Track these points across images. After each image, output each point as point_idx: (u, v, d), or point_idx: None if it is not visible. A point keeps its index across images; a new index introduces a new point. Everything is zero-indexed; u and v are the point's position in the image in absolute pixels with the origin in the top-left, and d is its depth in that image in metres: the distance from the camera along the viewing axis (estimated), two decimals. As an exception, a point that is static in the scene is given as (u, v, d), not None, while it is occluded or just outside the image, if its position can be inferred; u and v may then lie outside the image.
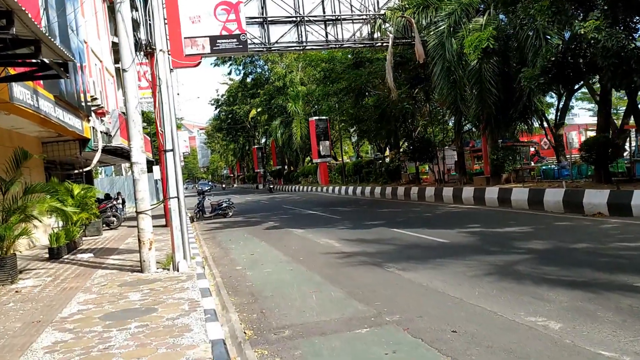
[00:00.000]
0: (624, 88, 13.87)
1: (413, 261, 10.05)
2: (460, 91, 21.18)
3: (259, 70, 59.77)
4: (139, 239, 9.57)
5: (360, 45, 22.67)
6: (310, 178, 51.43)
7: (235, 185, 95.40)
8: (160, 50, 9.47)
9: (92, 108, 20.07)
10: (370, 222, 17.57)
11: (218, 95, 75.10)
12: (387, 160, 35.55)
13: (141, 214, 9.47)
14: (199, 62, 12.69)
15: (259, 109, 59.92)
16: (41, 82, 13.80)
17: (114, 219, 20.65)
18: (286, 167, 64.22)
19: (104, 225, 20.10)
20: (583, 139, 56.31)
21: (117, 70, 28.78)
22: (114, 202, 21.68)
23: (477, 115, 21.11)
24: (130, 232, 18.96)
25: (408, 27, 21.68)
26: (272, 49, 21.10)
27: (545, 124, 26.34)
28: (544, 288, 7.18)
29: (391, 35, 20.36)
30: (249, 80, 61.11)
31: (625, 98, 22.46)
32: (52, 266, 11.52)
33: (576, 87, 28.28)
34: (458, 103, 21.18)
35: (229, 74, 68.42)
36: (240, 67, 59.62)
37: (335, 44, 21.69)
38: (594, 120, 52.82)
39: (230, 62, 58.84)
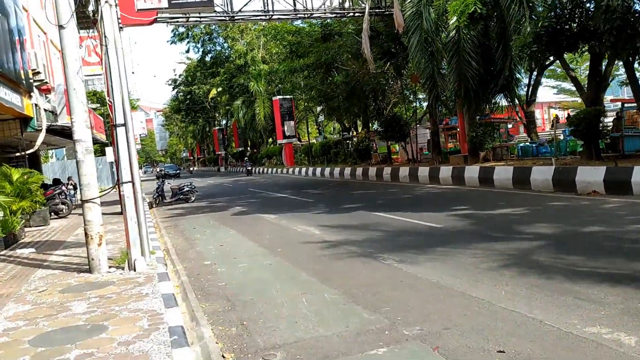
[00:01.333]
0: (626, 54, 12.86)
1: (410, 251, 8.76)
2: (438, 64, 19.95)
3: (218, 48, 57.46)
4: (86, 233, 7.94)
5: (330, 16, 21.09)
6: (275, 160, 49.77)
7: (195, 168, 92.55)
8: (106, 1, 7.74)
9: (35, 84, 17.93)
10: (347, 206, 16.25)
11: (176, 75, 72.16)
12: (356, 140, 34.27)
13: (88, 203, 7.82)
14: (154, 20, 10.98)
15: (219, 89, 57.63)
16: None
17: (64, 206, 18.65)
18: (249, 148, 62.27)
19: (52, 214, 18.11)
20: (547, 117, 56.38)
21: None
22: (63, 188, 19.63)
23: (455, 89, 19.94)
24: (81, 222, 16.96)
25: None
26: (236, 18, 19.31)
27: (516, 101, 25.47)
28: (583, 285, 5.96)
29: (367, 4, 18.87)
30: (208, 58, 58.61)
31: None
32: (-18, 266, 9.73)
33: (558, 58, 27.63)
34: (435, 77, 19.94)
35: (187, 52, 65.70)
36: (199, 45, 57.13)
37: (304, 14, 20.05)
38: (558, 98, 53.04)
39: (188, 39, 56.24)
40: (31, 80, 16.80)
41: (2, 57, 13.54)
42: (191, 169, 76.82)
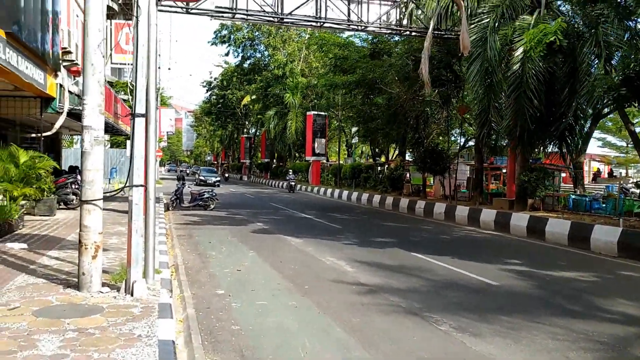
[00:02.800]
0: None
1: (467, 314, 7.11)
2: (496, 97, 18.31)
3: (258, 55, 56.51)
4: (80, 241, 6.48)
5: (386, 31, 19.70)
6: (300, 176, 48.32)
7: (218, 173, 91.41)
8: (143, -35, 6.39)
9: (64, 64, 16.80)
10: (379, 239, 14.63)
11: (211, 77, 71.54)
12: (389, 167, 32.65)
13: (87, 204, 6.36)
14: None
15: (253, 96, 56.59)
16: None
17: (74, 197, 17.33)
18: (274, 160, 60.97)
19: (61, 203, 16.82)
20: (586, 168, 54.17)
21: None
22: (78, 178, 18.34)
23: (510, 127, 18.26)
24: (90, 216, 15.73)
25: (442, 18, 18.77)
26: (285, 20, 18.03)
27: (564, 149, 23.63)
28: None
29: (432, 21, 17.40)
30: (246, 64, 57.73)
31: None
32: (-40, 259, 8.34)
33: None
34: (490, 111, 18.30)
35: (227, 54, 65.03)
36: (240, 50, 56.30)
37: (358, 26, 18.67)
38: (602, 151, 50.77)
39: (230, 42, 55.53)
40: (59, 60, 15.66)
41: (31, 34, 12.37)
42: (226, 175, 64.09)
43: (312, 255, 11.62)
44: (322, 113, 44.57)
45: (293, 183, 39.65)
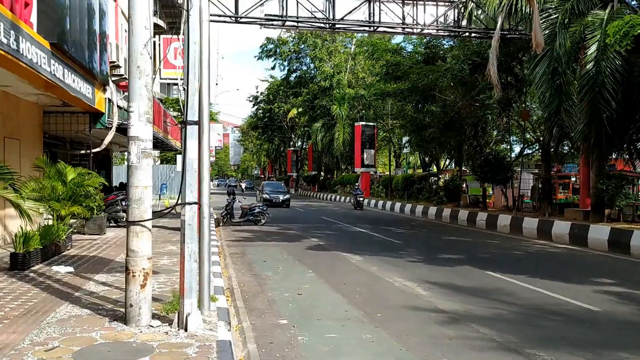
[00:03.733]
0: None
1: (577, 350, 5.95)
2: (566, 99, 16.85)
3: (304, 68, 56.13)
4: (126, 268, 5.68)
5: (443, 34, 18.57)
6: (348, 188, 47.32)
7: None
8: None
9: (113, 78, 16.50)
10: (445, 256, 13.43)
11: (257, 92, 71.73)
12: (443, 177, 31.26)
13: (135, 225, 5.57)
14: None
15: (299, 109, 56.19)
16: (32, 19, 10.17)
17: (124, 214, 16.86)
18: (322, 173, 60.22)
19: (111, 221, 16.39)
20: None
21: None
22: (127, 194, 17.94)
23: (583, 132, 16.74)
24: (140, 234, 15.19)
25: (505, 17, 17.50)
26: (337, 26, 17.16)
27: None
28: None
29: (500, 17, 16.18)
30: (292, 77, 57.48)
31: None
32: None
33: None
34: (561, 114, 16.84)
35: (273, 68, 65.02)
36: (285, 63, 56.09)
37: (413, 28, 17.62)
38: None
39: (276, 56, 55.45)
40: (108, 75, 15.30)
41: (77, 46, 11.95)
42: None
43: (376, 275, 10.58)
44: (371, 123, 43.57)
45: (361, 199, 31.63)
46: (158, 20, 25.02)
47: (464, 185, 27.95)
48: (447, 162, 39.78)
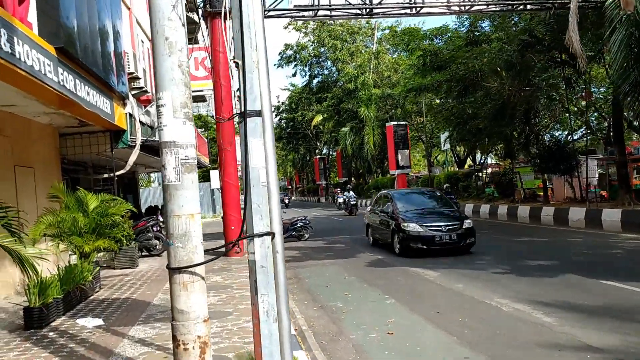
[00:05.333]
0: None
1: None
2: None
3: (325, 71, 54.39)
4: (173, 336, 3.83)
5: (495, 10, 16.46)
6: (382, 192, 45.21)
7: (293, 197, 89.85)
8: None
9: (133, 92, 14.84)
10: (534, 262, 11.35)
11: (278, 102, 70.16)
12: (490, 171, 28.97)
13: (181, 273, 3.72)
14: None
15: (324, 115, 54.34)
16: (31, 19, 8.50)
17: (157, 241, 15.18)
18: (352, 179, 58.15)
19: (142, 250, 14.71)
20: None
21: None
22: (159, 219, 16.24)
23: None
24: (176, 263, 13.43)
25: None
26: (375, 11, 15.28)
27: None
28: None
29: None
30: (314, 83, 55.77)
31: None
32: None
33: None
34: (641, 87, 14.59)
35: (294, 75, 63.61)
36: (307, 69, 54.44)
37: (461, 7, 15.61)
38: None
39: (296, 62, 53.84)
40: (127, 87, 13.66)
41: (89, 54, 10.31)
42: (286, 200, 49.11)
43: (468, 296, 8.57)
44: (402, 122, 41.41)
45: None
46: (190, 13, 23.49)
47: (518, 178, 25.64)
48: (483, 157, 37.43)
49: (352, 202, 27.21)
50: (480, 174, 31.05)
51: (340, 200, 36.00)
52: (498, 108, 21.76)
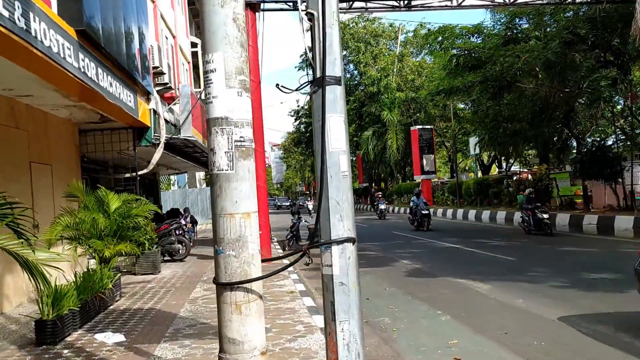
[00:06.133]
0: None
1: None
2: None
3: (347, 75, 53.48)
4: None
5: (542, 2, 15.47)
6: (405, 198, 44.09)
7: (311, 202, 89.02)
8: None
9: (157, 88, 14.09)
10: (595, 275, 10.29)
11: (298, 105, 69.33)
12: (525, 177, 27.73)
13: (234, 290, 2.80)
14: None
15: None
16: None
17: (180, 245, 14.36)
18: (373, 184, 57.08)
19: (164, 254, 13.90)
20: None
21: (194, 55, 23.01)
22: (182, 222, 15.44)
23: None
24: (201, 269, 12.60)
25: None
26: (413, 4, 14.35)
27: None
28: None
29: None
30: (336, 86, 54.94)
31: None
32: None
33: None
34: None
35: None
36: (328, 72, 53.58)
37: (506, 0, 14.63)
38: None
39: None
40: (151, 81, 12.90)
41: (113, 42, 9.55)
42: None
43: (533, 313, 7.56)
44: (428, 127, 40.43)
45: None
46: (194, 38, 22.95)
47: (555, 184, 24.40)
48: (511, 162, 36.13)
49: (423, 212, 19.95)
50: (508, 181, 29.81)
51: (383, 207, 32.50)
52: (537, 110, 20.61)
